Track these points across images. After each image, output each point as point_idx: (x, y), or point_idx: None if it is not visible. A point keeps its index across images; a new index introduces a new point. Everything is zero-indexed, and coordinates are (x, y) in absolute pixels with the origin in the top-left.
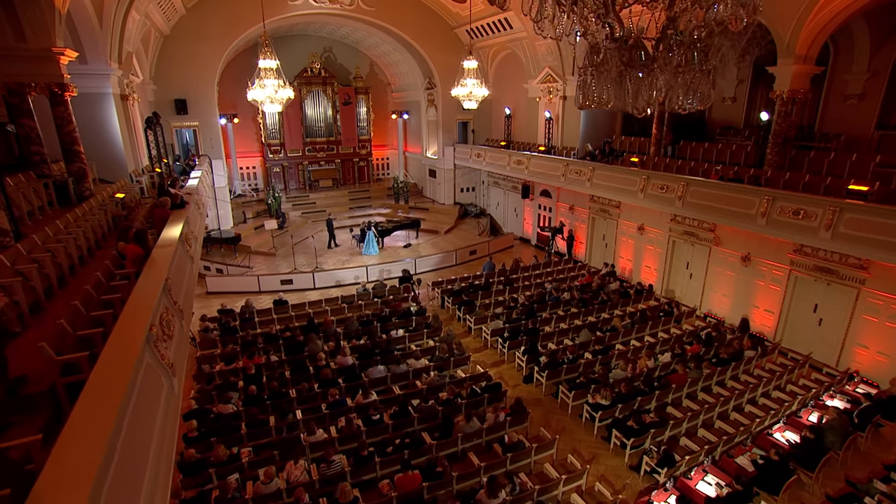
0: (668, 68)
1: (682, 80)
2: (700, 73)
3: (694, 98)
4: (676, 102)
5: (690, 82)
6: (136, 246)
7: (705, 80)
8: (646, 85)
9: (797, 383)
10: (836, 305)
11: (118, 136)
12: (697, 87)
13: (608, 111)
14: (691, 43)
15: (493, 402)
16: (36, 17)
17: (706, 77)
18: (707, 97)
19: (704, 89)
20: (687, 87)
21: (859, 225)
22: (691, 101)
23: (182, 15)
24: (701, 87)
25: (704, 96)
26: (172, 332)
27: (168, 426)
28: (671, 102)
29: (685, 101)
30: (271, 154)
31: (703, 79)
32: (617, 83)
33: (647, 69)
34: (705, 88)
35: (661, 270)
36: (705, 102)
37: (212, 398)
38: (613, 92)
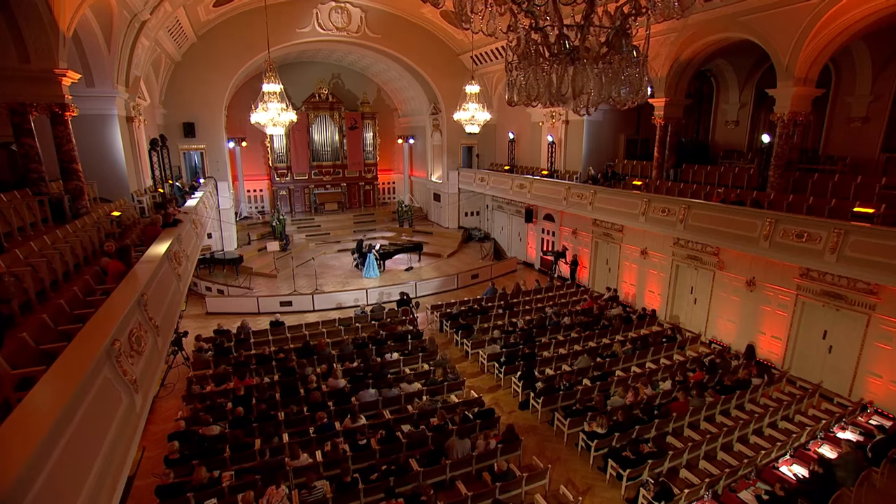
0: (591, 56)
1: (611, 69)
2: (629, 62)
3: (626, 89)
4: (608, 94)
5: (619, 71)
6: (118, 262)
7: (635, 68)
8: (573, 75)
9: (806, 414)
10: (847, 332)
11: (121, 157)
12: (629, 77)
13: (611, 135)
14: (618, 29)
15: (485, 429)
16: (40, 39)
17: (636, 65)
18: (639, 87)
19: (636, 80)
20: (616, 77)
21: (866, 248)
22: (625, 91)
23: (193, 43)
24: (631, 77)
25: (635, 87)
26: (143, 348)
27: (123, 444)
28: (603, 94)
29: (616, 91)
30: (278, 177)
31: (633, 67)
32: (545, 76)
33: (573, 59)
34: (636, 79)
35: (664, 295)
36: (637, 93)
37: (199, 419)
38: (542, 85)
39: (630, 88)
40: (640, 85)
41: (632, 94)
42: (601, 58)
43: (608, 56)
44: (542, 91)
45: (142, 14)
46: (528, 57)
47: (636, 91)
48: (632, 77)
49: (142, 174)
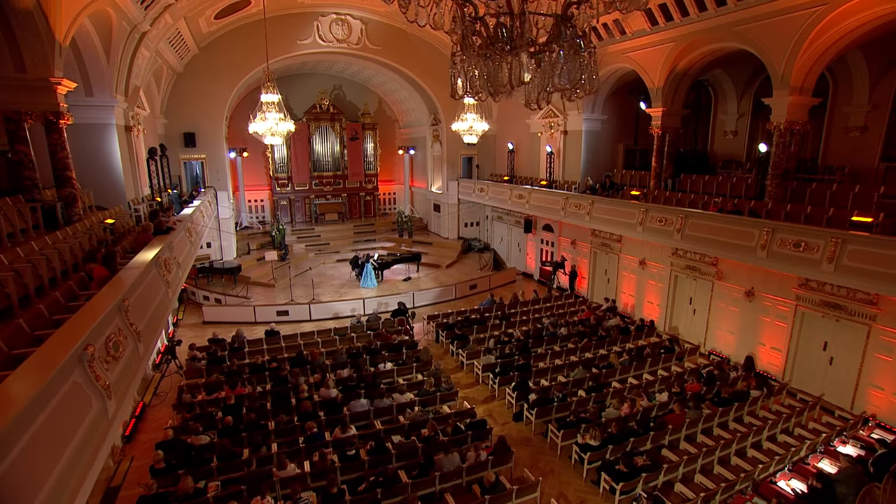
0: (525, 43)
1: (550, 58)
2: (571, 51)
3: (566, 79)
4: (549, 84)
5: (562, 61)
6: (102, 267)
7: (577, 57)
8: (514, 65)
9: (806, 427)
10: (847, 343)
11: (119, 166)
12: (570, 67)
13: (610, 145)
14: (558, 17)
15: (476, 441)
16: (36, 48)
17: (577, 55)
18: (578, 78)
19: (576, 70)
20: (554, 66)
21: (864, 257)
22: (564, 81)
23: (195, 54)
24: (572, 67)
25: (574, 77)
26: (121, 354)
27: (91, 449)
28: (547, 84)
29: (558, 81)
30: (279, 187)
31: (575, 57)
32: (487, 66)
33: (512, 48)
34: (577, 69)
35: (663, 306)
36: (579, 84)
37: (188, 428)
38: (484, 76)
39: (569, 79)
40: (579, 75)
41: (573, 84)
42: (539, 46)
43: (549, 45)
44: (483, 82)
45: (142, 25)
46: (471, 47)
47: (576, 82)
48: (573, 66)
49: (139, 183)
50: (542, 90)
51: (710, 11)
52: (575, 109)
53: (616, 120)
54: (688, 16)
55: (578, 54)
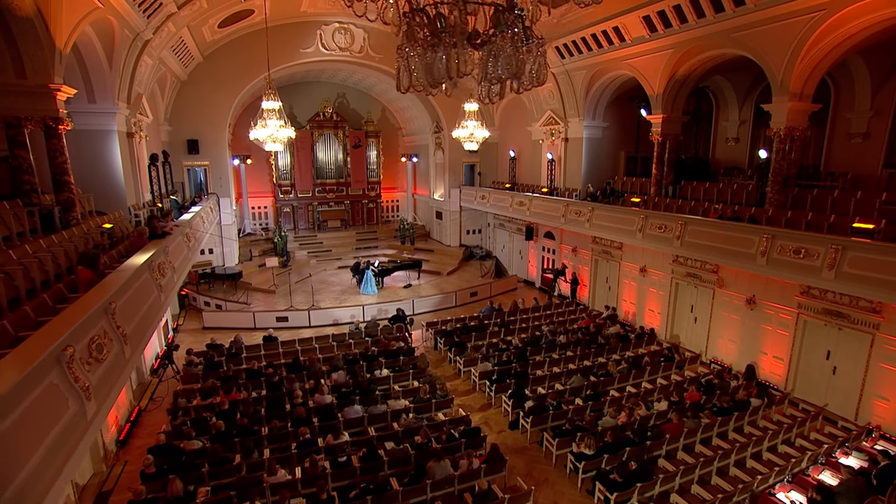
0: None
1: (493, 49)
2: (511, 40)
3: (504, 68)
4: (491, 75)
5: (498, 50)
6: (87, 270)
7: (512, 46)
8: (452, 56)
9: (808, 437)
10: (850, 352)
11: (119, 171)
12: (509, 57)
13: (611, 152)
14: (498, 6)
15: (470, 448)
16: (37, 55)
17: (514, 44)
18: (517, 69)
19: (514, 61)
20: (493, 55)
21: (865, 264)
22: (503, 72)
23: (199, 62)
24: (510, 57)
25: (512, 68)
26: (104, 356)
27: (66, 450)
28: (489, 75)
29: (494, 70)
30: (282, 194)
31: (510, 46)
32: (428, 58)
33: (450, 38)
34: (512, 62)
35: (664, 314)
36: (513, 72)
37: (181, 433)
38: (425, 67)
39: (508, 70)
40: (527, 66)
41: (512, 75)
42: (482, 36)
43: (489, 35)
44: (423, 74)
45: (144, 34)
46: (414, 39)
47: (516, 72)
48: (511, 57)
49: (140, 188)
50: (482, 80)
51: (708, 18)
52: (576, 116)
53: (617, 127)
54: (686, 22)
55: (517, 44)
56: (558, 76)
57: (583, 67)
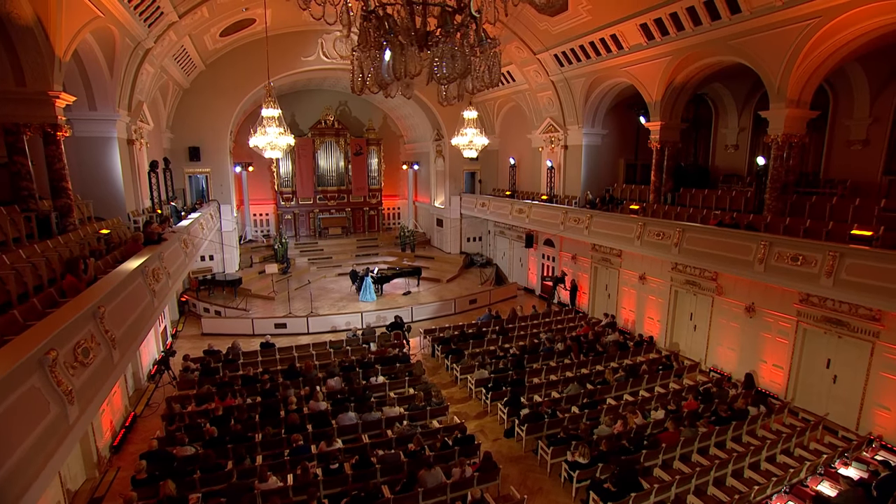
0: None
1: (437, 49)
2: (454, 41)
3: (451, 67)
4: (437, 73)
5: (445, 52)
6: (69, 276)
7: (459, 47)
8: (399, 57)
9: (807, 447)
10: (851, 361)
11: (119, 178)
12: (455, 57)
13: (611, 159)
14: (443, 6)
15: (463, 456)
16: (36, 63)
17: (461, 44)
18: (463, 68)
19: (460, 61)
20: (441, 56)
21: (863, 271)
22: (447, 71)
23: (202, 71)
24: (455, 56)
25: (458, 68)
26: (90, 360)
27: (45, 452)
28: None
29: (442, 69)
30: (283, 202)
31: (457, 47)
32: (376, 59)
33: (396, 39)
34: (460, 61)
35: (664, 322)
36: (460, 72)
37: (175, 439)
38: (380, 67)
39: (454, 70)
40: (465, 66)
41: (459, 75)
42: (425, 37)
43: (438, 35)
44: (375, 74)
45: (145, 42)
46: (366, 42)
47: (463, 72)
48: (456, 57)
49: (140, 195)
50: (429, 81)
51: (704, 26)
52: (575, 124)
53: (616, 134)
54: (683, 30)
55: (464, 45)
56: (557, 84)
57: (581, 75)
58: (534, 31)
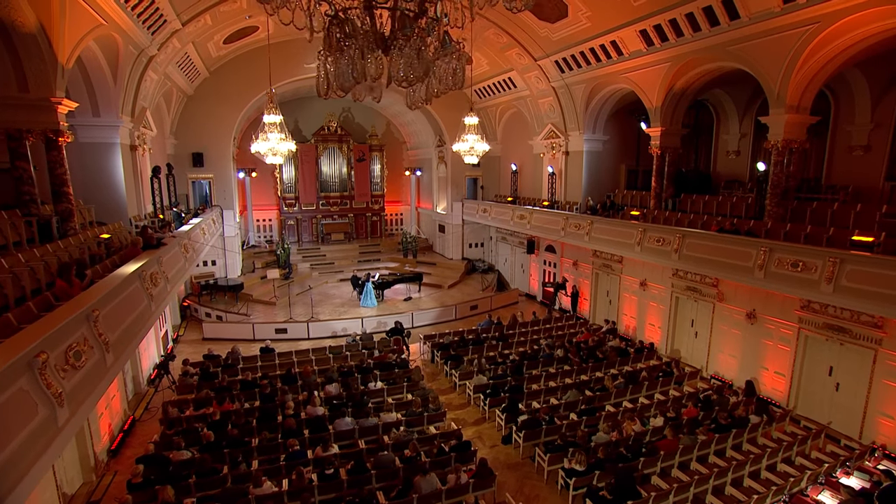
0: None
1: (399, 52)
2: (413, 44)
3: (408, 70)
4: (396, 75)
5: (405, 54)
6: (61, 280)
7: (417, 50)
8: (358, 60)
9: (809, 456)
10: (853, 368)
11: (121, 183)
12: (412, 61)
13: (612, 165)
14: (402, 11)
15: (459, 463)
16: (39, 70)
17: (420, 47)
18: (420, 71)
19: (419, 64)
20: (401, 59)
21: (864, 278)
22: (403, 73)
23: (205, 78)
24: (411, 59)
25: (416, 71)
26: (82, 363)
27: (32, 454)
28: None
29: (401, 72)
30: (286, 207)
31: (418, 50)
32: (345, 61)
33: (359, 42)
34: (419, 64)
35: (665, 328)
36: (418, 75)
37: (171, 443)
38: (343, 70)
39: (413, 73)
40: (424, 69)
41: (418, 78)
42: (383, 40)
43: (394, 39)
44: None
45: (149, 50)
46: (330, 45)
47: (422, 75)
48: (413, 60)
49: (143, 200)
50: (389, 83)
51: (703, 31)
52: (576, 130)
53: (617, 140)
54: (682, 36)
55: (421, 48)
56: (558, 90)
57: (582, 81)
58: (534, 38)
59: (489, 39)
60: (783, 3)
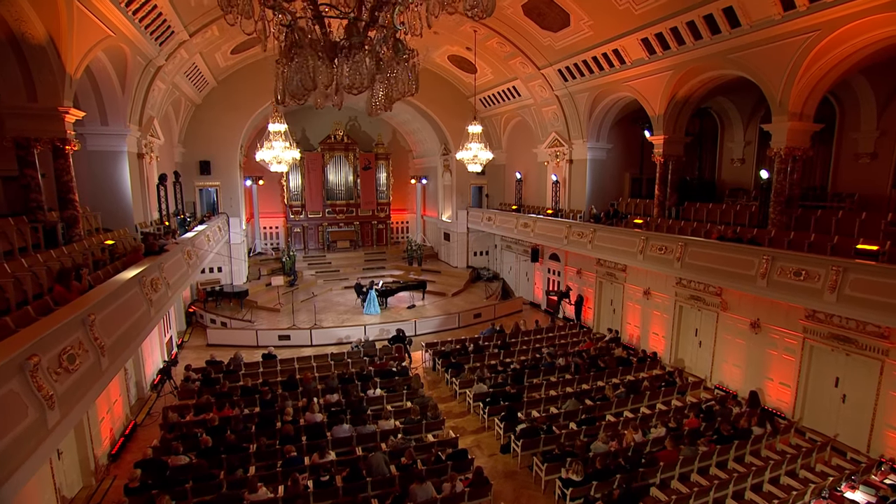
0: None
1: (346, 61)
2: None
3: (354, 77)
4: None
5: (352, 63)
6: (59, 286)
7: (365, 57)
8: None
9: (814, 469)
10: (860, 380)
11: (128, 191)
12: (359, 68)
13: (616, 174)
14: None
15: (456, 472)
16: (48, 80)
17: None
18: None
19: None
20: (348, 66)
21: (868, 287)
22: (349, 81)
23: (213, 87)
24: (360, 67)
25: (360, 79)
26: (76, 367)
27: (21, 454)
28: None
29: (346, 81)
30: (293, 215)
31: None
32: (298, 68)
33: (305, 51)
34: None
35: (668, 338)
36: (363, 82)
37: (170, 448)
38: (292, 78)
39: (360, 81)
40: (370, 77)
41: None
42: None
43: (345, 48)
44: (297, 83)
45: (157, 60)
46: (287, 53)
47: (365, 83)
48: (361, 67)
49: (149, 207)
50: (336, 91)
51: (705, 40)
52: (580, 138)
53: (621, 149)
54: (684, 44)
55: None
56: (562, 98)
57: (585, 89)
58: (537, 47)
59: (493, 49)
60: (783, 11)
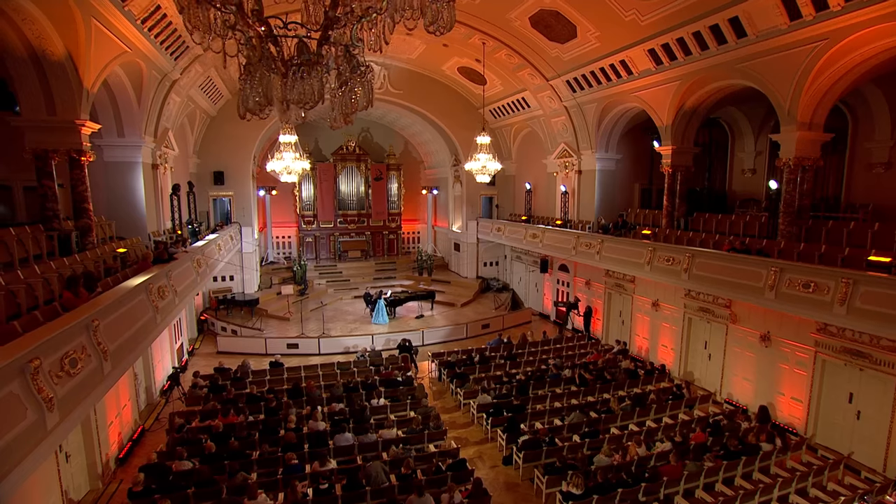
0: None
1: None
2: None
3: (301, 92)
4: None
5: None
6: (67, 292)
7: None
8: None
9: (825, 487)
10: (875, 396)
11: (142, 200)
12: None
13: (625, 184)
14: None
15: (455, 482)
16: (66, 94)
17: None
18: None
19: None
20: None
21: (879, 300)
22: (298, 97)
23: (228, 99)
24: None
25: (308, 94)
26: (77, 371)
27: (18, 454)
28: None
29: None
30: (305, 225)
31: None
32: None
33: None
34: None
35: (677, 350)
36: (311, 97)
37: (174, 454)
38: (247, 93)
39: (308, 97)
40: (319, 92)
41: (314, 102)
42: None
43: (295, 65)
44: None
45: (172, 74)
46: (249, 67)
47: (314, 98)
48: (308, 83)
49: (162, 217)
50: (287, 106)
51: (711, 50)
52: (589, 149)
53: (631, 159)
54: (691, 55)
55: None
56: (570, 109)
57: (593, 100)
58: (545, 58)
59: (501, 60)
60: (789, 21)
